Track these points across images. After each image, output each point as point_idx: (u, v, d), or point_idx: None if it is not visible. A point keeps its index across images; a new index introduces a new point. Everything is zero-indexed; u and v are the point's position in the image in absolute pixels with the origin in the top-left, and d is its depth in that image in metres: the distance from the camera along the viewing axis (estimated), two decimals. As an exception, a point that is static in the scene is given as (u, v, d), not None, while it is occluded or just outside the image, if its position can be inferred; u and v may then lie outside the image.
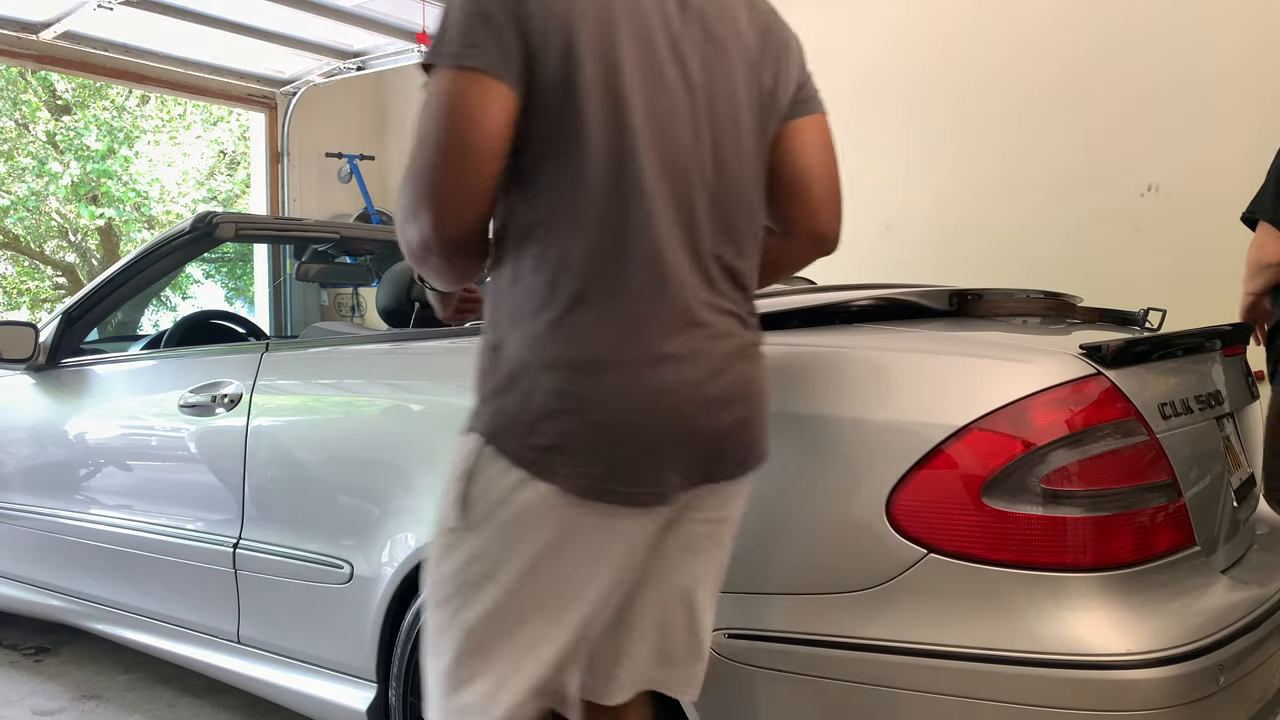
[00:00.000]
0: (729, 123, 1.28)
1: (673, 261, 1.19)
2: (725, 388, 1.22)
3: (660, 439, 1.17)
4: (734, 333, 1.26)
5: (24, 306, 13.22)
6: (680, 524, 1.28)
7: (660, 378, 1.17)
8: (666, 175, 1.20)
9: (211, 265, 13.33)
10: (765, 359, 1.31)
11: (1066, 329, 1.83)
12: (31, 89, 12.49)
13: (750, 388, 1.27)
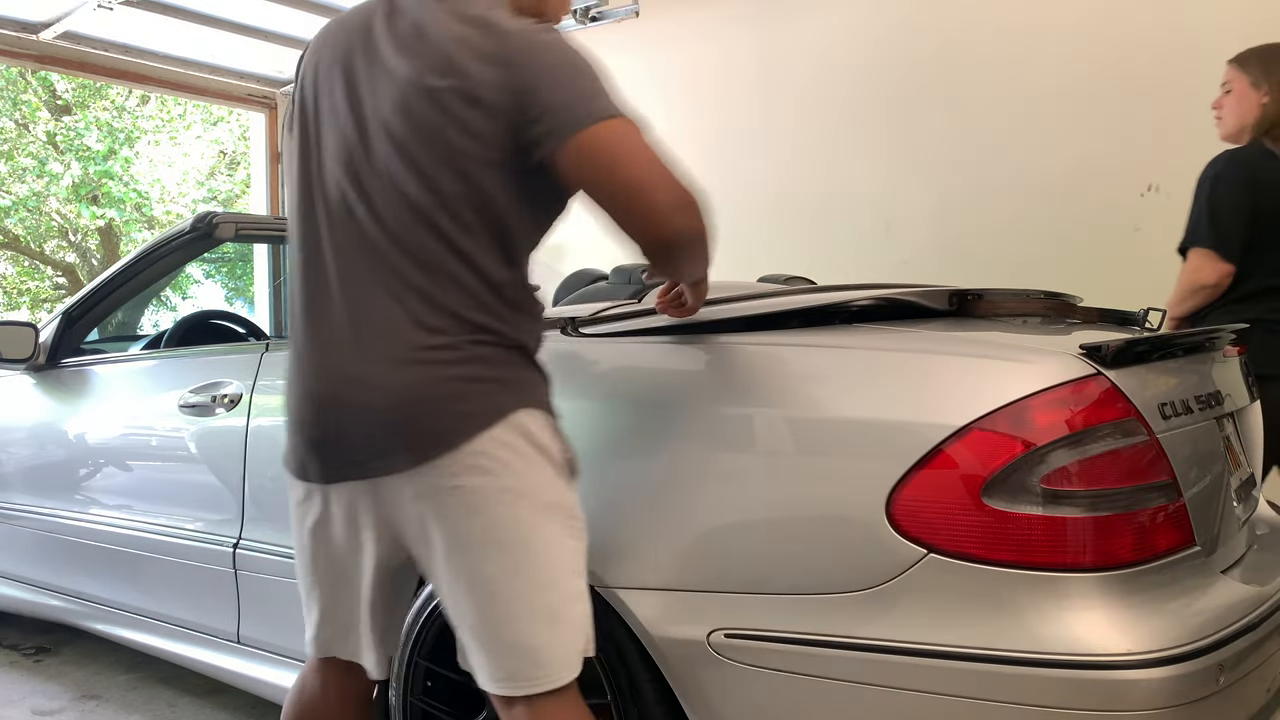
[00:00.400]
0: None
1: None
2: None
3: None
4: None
5: (24, 306, 13.22)
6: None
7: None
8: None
9: (211, 265, 13.34)
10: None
11: (1066, 329, 1.83)
12: (31, 89, 12.50)
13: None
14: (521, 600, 1.37)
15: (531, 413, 1.40)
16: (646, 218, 1.38)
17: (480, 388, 1.38)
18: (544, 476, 1.40)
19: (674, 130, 5.54)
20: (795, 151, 4.57)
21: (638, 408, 1.65)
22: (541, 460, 1.40)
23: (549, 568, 1.38)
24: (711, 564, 1.52)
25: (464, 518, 1.36)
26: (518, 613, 1.37)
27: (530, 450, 1.39)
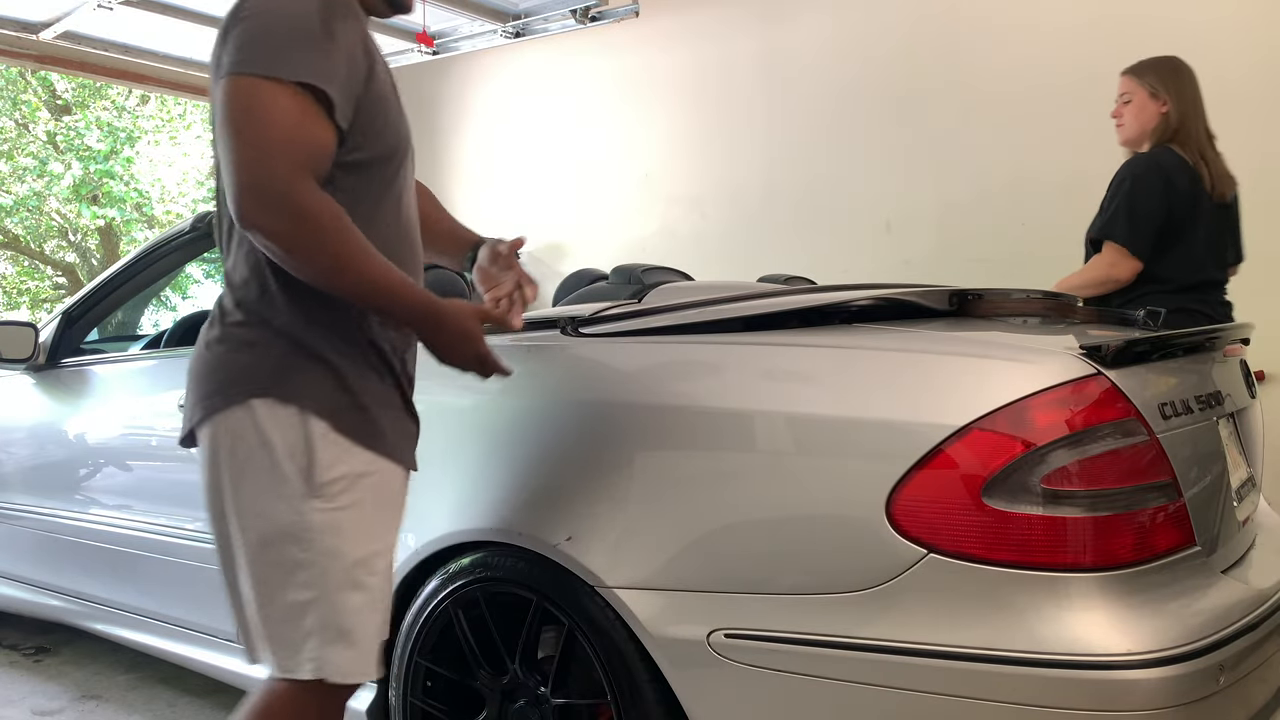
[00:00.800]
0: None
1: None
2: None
3: None
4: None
5: (24, 306, 13.22)
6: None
7: None
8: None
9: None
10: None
11: (1066, 329, 1.83)
12: (31, 89, 12.50)
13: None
14: (229, 583, 1.46)
15: (269, 404, 1.36)
16: (230, 188, 1.27)
17: (217, 370, 1.40)
18: (250, 477, 1.38)
19: (674, 130, 5.57)
20: (795, 151, 4.57)
21: (637, 408, 1.65)
22: (255, 458, 1.37)
23: (241, 570, 1.42)
24: (711, 564, 1.52)
25: (204, 493, 1.44)
26: (230, 594, 1.46)
27: (247, 443, 1.37)
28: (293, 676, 1.39)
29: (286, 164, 1.26)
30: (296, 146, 1.27)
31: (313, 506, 1.36)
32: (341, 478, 1.38)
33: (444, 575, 1.82)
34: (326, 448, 1.37)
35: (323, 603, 1.38)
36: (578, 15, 4.95)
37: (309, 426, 1.37)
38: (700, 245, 4.80)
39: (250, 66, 1.27)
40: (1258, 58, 3.46)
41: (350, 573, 1.39)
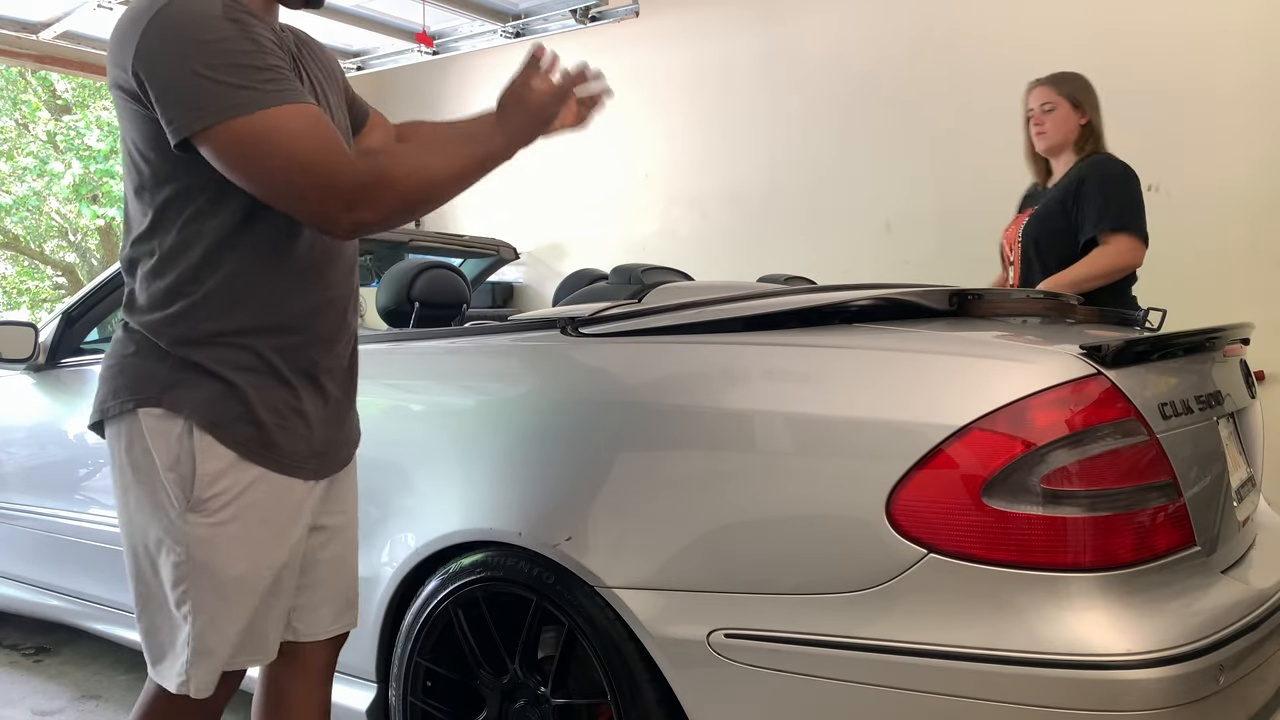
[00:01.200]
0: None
1: None
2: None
3: None
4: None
5: (24, 306, 13.22)
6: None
7: None
8: None
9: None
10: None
11: (1066, 329, 1.83)
12: (31, 89, 12.50)
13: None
14: (128, 585, 1.43)
15: (155, 415, 1.36)
16: (308, 214, 1.30)
17: (117, 373, 1.42)
18: (133, 487, 1.38)
19: (674, 130, 5.57)
20: (795, 151, 4.57)
21: (637, 407, 1.65)
22: (138, 468, 1.37)
23: (129, 572, 1.42)
24: (711, 564, 1.52)
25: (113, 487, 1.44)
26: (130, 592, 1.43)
27: (132, 453, 1.38)
28: (165, 685, 1.40)
29: (330, 165, 1.26)
30: (321, 146, 1.26)
31: (189, 520, 1.34)
32: (223, 493, 1.35)
33: (444, 575, 1.82)
34: (209, 461, 1.35)
35: (196, 619, 1.36)
36: (578, 15, 4.95)
37: (194, 439, 1.35)
38: (701, 245, 4.80)
39: (236, 111, 1.23)
40: (1256, 61, 3.46)
41: (225, 589, 1.37)
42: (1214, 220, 3.51)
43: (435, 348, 2.08)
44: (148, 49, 1.24)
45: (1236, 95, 3.49)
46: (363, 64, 5.59)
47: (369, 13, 4.91)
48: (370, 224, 1.29)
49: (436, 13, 4.92)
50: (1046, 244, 2.84)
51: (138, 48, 1.25)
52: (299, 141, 1.25)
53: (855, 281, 1.94)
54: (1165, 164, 3.60)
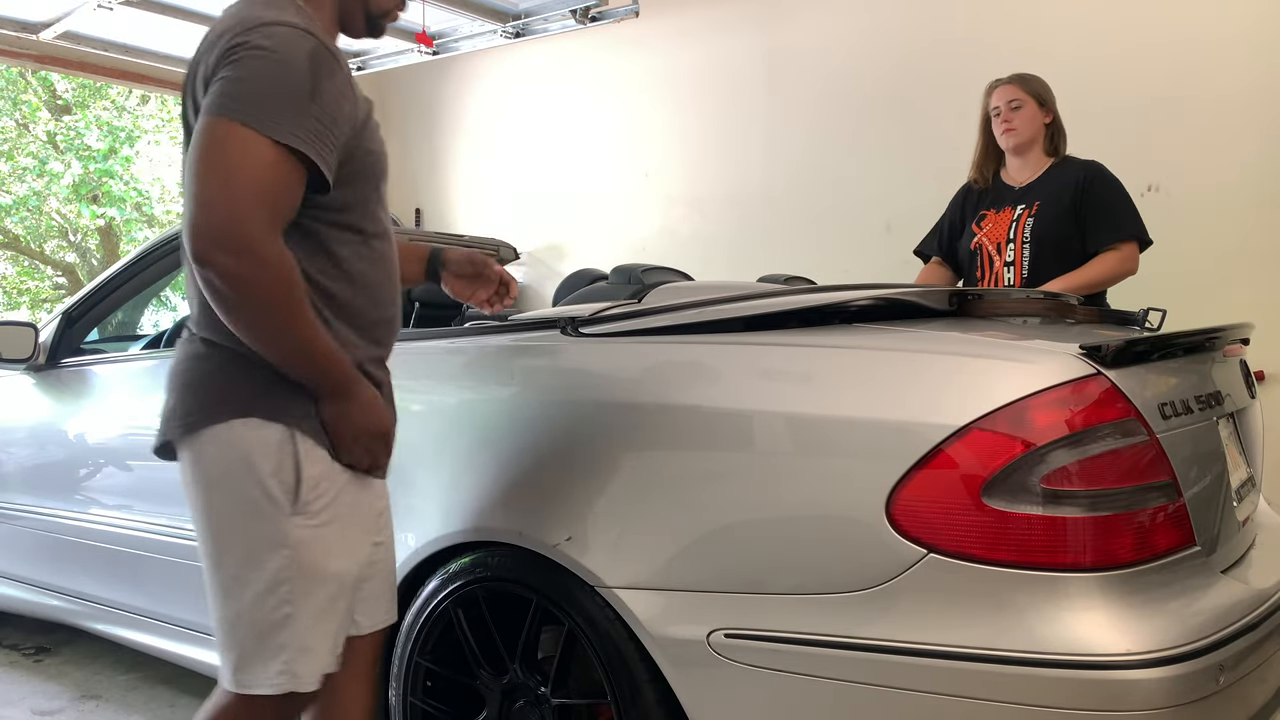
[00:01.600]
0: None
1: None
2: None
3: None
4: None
5: (24, 306, 13.22)
6: None
7: None
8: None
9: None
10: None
11: (1066, 329, 1.83)
12: (31, 89, 12.49)
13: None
14: (209, 597, 1.45)
15: (252, 423, 1.38)
16: (192, 223, 1.29)
17: (199, 386, 1.41)
18: (234, 495, 1.39)
19: (674, 130, 5.56)
20: (795, 151, 4.57)
21: (638, 407, 1.65)
22: (239, 477, 1.38)
23: (220, 585, 1.42)
24: (711, 564, 1.52)
25: (187, 505, 1.45)
26: (210, 608, 1.45)
27: (228, 463, 1.39)
28: (255, 692, 1.41)
29: (256, 211, 1.29)
30: (269, 197, 1.30)
31: (295, 524, 1.39)
32: (324, 494, 1.42)
33: (444, 575, 1.82)
34: (312, 464, 1.40)
35: (299, 618, 1.40)
36: (578, 15, 4.95)
37: (295, 444, 1.39)
38: (700, 245, 4.80)
39: (239, 114, 1.29)
40: (1256, 62, 3.46)
41: (327, 587, 1.42)
42: (1214, 220, 3.51)
43: (435, 348, 2.08)
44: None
45: (1237, 96, 3.49)
46: (363, 64, 5.59)
47: (369, 13, 4.90)
48: (215, 272, 1.28)
49: (436, 13, 4.92)
50: (1055, 245, 2.85)
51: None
52: (246, 171, 1.29)
53: (855, 282, 1.94)
54: (1165, 164, 3.60)
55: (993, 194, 3.05)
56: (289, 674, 1.41)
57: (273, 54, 1.32)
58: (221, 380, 1.40)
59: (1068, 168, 2.93)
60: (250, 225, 1.28)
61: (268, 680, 1.41)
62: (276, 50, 1.32)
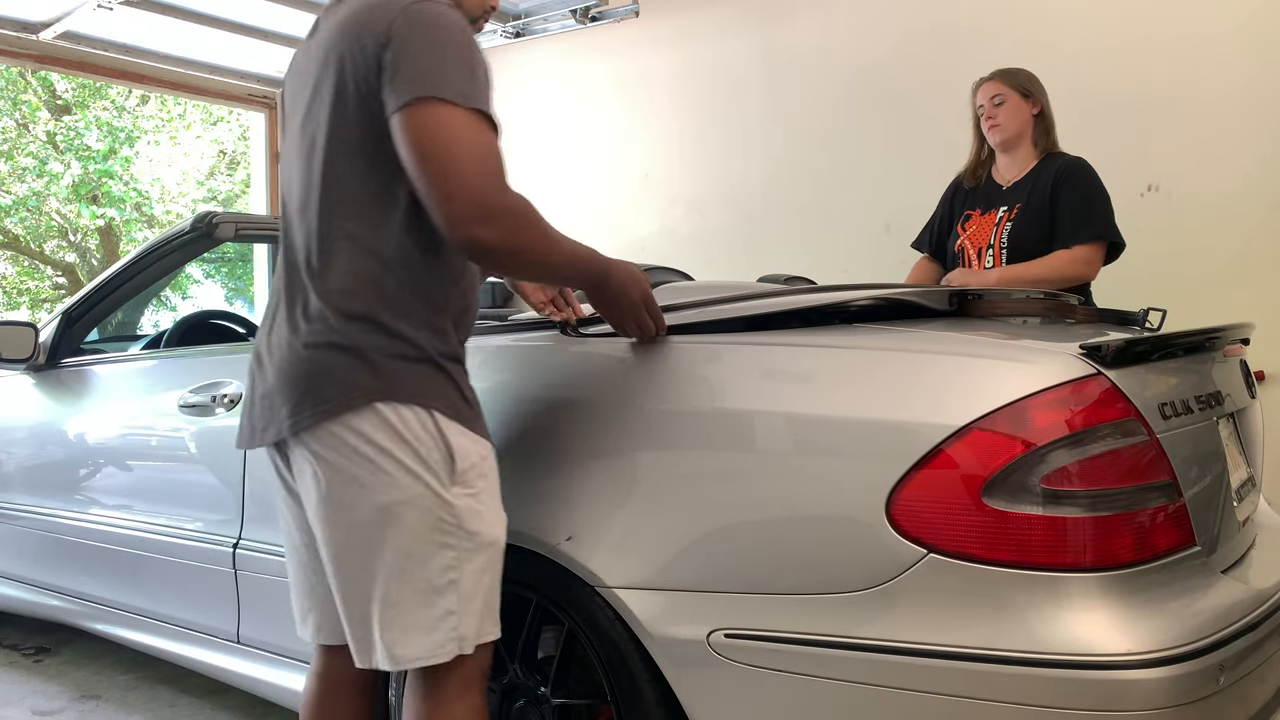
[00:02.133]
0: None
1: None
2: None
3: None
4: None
5: (24, 306, 13.22)
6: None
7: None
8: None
9: (211, 265, 13.34)
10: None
11: (1066, 329, 1.83)
12: (31, 89, 12.49)
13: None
14: (354, 581, 1.46)
15: (394, 407, 1.42)
16: (447, 206, 1.37)
17: (332, 374, 1.43)
18: (391, 473, 1.41)
19: (673, 130, 5.56)
20: (795, 151, 4.57)
21: (637, 408, 1.65)
22: (396, 454, 1.41)
23: (369, 567, 1.44)
24: (712, 564, 1.52)
25: (314, 496, 1.46)
26: (355, 592, 1.46)
27: (379, 443, 1.41)
28: (423, 663, 1.44)
29: (497, 180, 1.38)
30: (499, 163, 1.40)
31: (455, 494, 1.45)
32: (474, 465, 1.48)
33: (444, 575, 1.82)
34: (457, 438, 1.46)
35: (460, 585, 1.45)
36: (578, 15, 4.95)
37: (437, 421, 1.44)
38: (700, 245, 4.79)
39: (450, 92, 1.37)
40: (1256, 62, 3.46)
41: (486, 552, 1.48)
42: (1214, 220, 3.51)
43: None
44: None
45: (1237, 95, 3.49)
46: (363, 64, 5.58)
47: (369, 13, 4.90)
48: (484, 245, 1.38)
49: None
50: (1032, 250, 2.80)
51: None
52: (475, 147, 1.37)
53: (855, 281, 1.94)
54: (1165, 164, 3.60)
55: (981, 193, 3.01)
56: (458, 638, 1.45)
57: (446, 35, 1.40)
58: (359, 366, 1.43)
59: (1051, 165, 2.86)
60: (497, 194, 1.37)
61: (434, 648, 1.44)
62: (448, 32, 1.40)
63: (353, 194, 1.45)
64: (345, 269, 1.46)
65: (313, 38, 1.56)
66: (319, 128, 1.47)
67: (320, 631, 1.63)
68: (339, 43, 1.44)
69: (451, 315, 1.52)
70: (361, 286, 1.45)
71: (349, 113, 1.44)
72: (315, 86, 1.48)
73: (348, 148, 1.45)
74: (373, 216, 1.45)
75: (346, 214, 1.46)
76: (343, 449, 1.42)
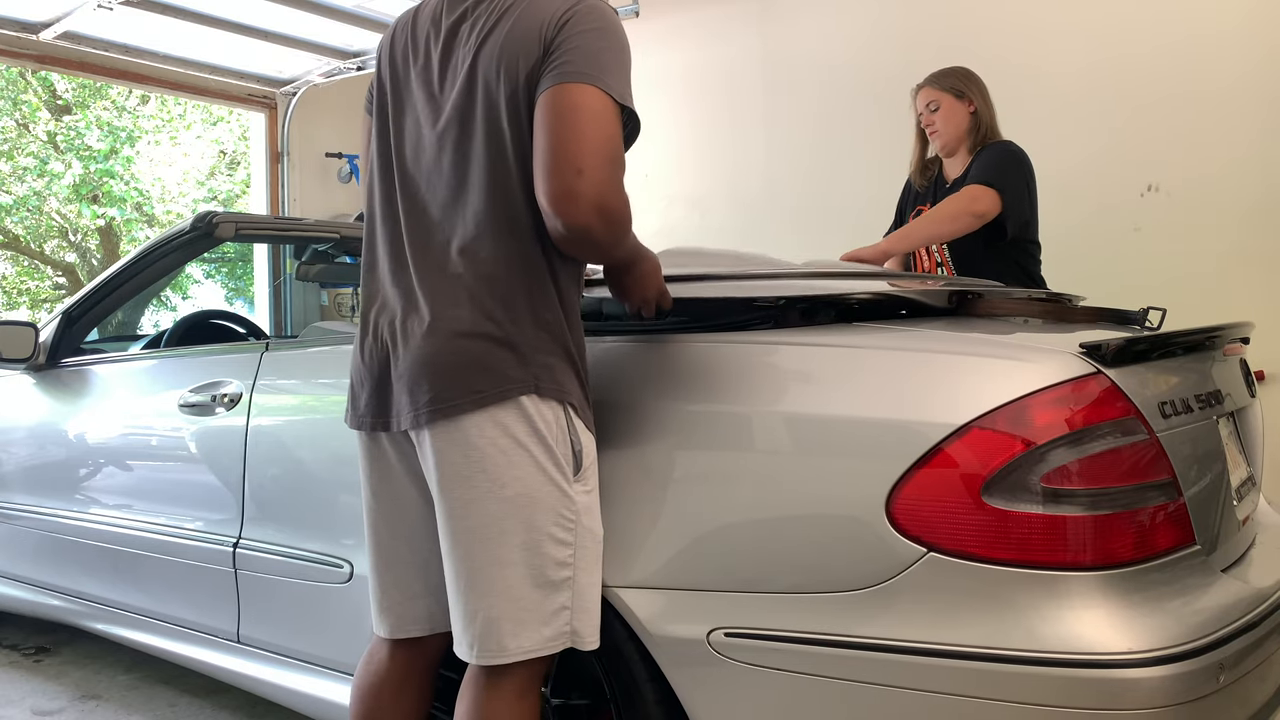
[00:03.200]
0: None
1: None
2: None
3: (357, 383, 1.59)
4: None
5: (24, 306, 13.22)
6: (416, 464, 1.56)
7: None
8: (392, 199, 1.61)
9: (211, 265, 13.34)
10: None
11: (1066, 328, 1.83)
12: (31, 89, 12.50)
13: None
14: (476, 572, 1.45)
15: (536, 400, 1.45)
16: (556, 190, 1.40)
17: (482, 364, 1.44)
18: (524, 467, 1.43)
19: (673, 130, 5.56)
20: (795, 151, 4.57)
21: (637, 407, 1.65)
22: (530, 449, 1.44)
23: (492, 555, 1.44)
24: (711, 563, 1.52)
25: (445, 483, 1.46)
26: (473, 582, 1.46)
27: (517, 437, 1.43)
28: (534, 655, 1.46)
29: (618, 181, 1.43)
30: (624, 167, 1.47)
31: (578, 490, 1.49)
32: (592, 463, 1.53)
33: (444, 574, 1.81)
34: (583, 437, 1.51)
35: (576, 580, 1.48)
36: (578, 15, 4.94)
37: (570, 419, 1.49)
38: (700, 244, 4.79)
39: (609, 86, 1.44)
40: (1256, 61, 3.46)
41: (598, 549, 1.53)
42: (1214, 220, 3.51)
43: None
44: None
45: (1236, 95, 3.49)
46: (362, 64, 5.59)
47: (369, 12, 4.91)
48: (586, 229, 1.41)
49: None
50: (975, 236, 2.74)
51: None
52: (616, 144, 1.46)
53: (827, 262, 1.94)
54: (1165, 164, 3.60)
55: (929, 191, 3.00)
56: (570, 632, 1.48)
57: (618, 32, 1.49)
58: (510, 359, 1.45)
59: (983, 153, 2.84)
60: (617, 196, 1.43)
61: (545, 641, 1.46)
62: (619, 31, 1.49)
63: (510, 187, 1.48)
64: (500, 259, 1.48)
65: (451, 16, 1.57)
66: (476, 118, 1.50)
67: (401, 625, 1.63)
68: (510, 36, 1.48)
69: (577, 308, 1.56)
70: (512, 278, 1.47)
71: (518, 106, 1.47)
72: (469, 73, 1.51)
73: (505, 139, 1.48)
74: (526, 210, 1.48)
75: (503, 207, 1.48)
76: (481, 439, 1.43)
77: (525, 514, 1.44)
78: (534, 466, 1.44)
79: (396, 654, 1.64)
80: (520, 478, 1.44)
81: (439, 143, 1.53)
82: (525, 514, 1.44)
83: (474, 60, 1.50)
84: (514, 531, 1.44)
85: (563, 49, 1.43)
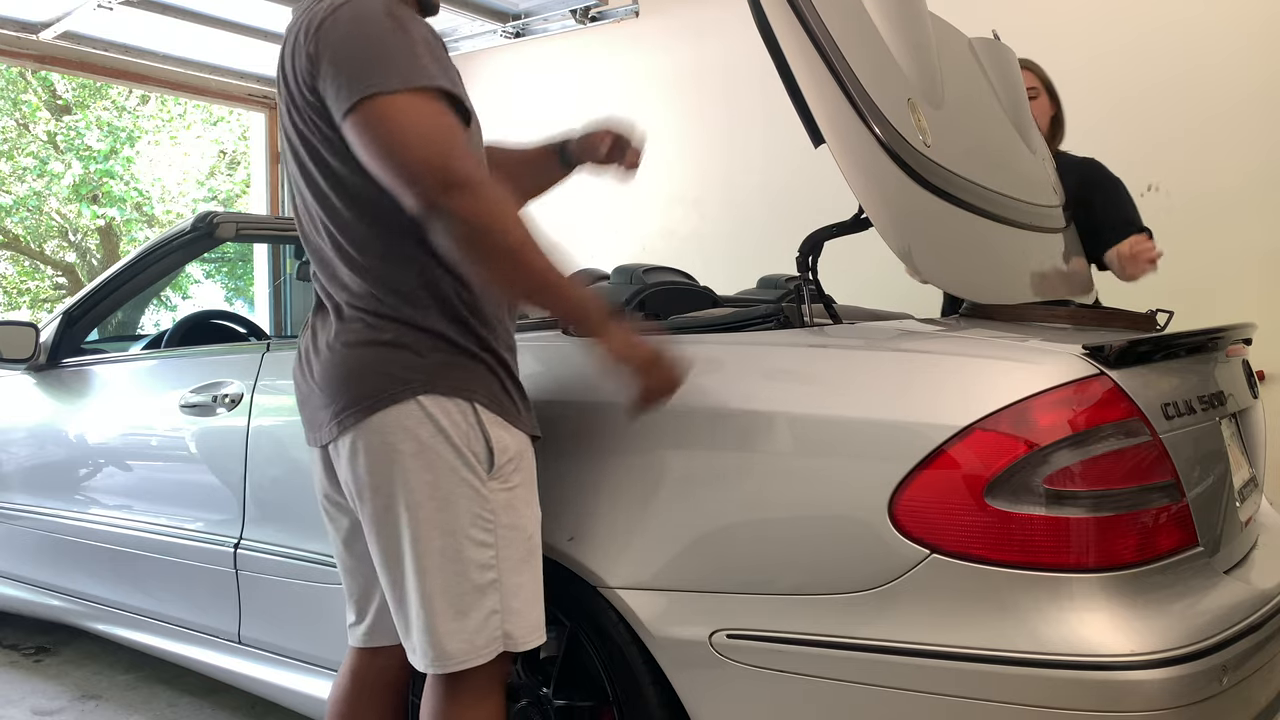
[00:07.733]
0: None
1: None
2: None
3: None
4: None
5: (24, 306, 13.22)
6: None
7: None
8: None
9: (211, 265, 13.33)
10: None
11: (1070, 329, 1.83)
12: (31, 89, 12.49)
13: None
14: (401, 580, 1.44)
15: (436, 399, 1.41)
16: (406, 184, 1.34)
17: (370, 370, 1.43)
18: (433, 470, 1.41)
19: (674, 130, 5.55)
20: (795, 151, 4.57)
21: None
22: (438, 449, 1.41)
23: (414, 563, 1.43)
24: (713, 564, 1.52)
25: (359, 496, 1.45)
26: (402, 594, 1.45)
27: (421, 438, 1.41)
28: (468, 665, 1.43)
29: (447, 147, 1.34)
30: (449, 134, 1.36)
31: (493, 489, 1.44)
32: (512, 459, 1.47)
33: (445, 575, 1.81)
34: (496, 432, 1.45)
35: (502, 582, 1.44)
36: (578, 15, 4.95)
37: (478, 415, 1.44)
38: (700, 245, 4.79)
39: (375, 87, 1.34)
40: (1257, 61, 3.46)
41: (525, 546, 1.48)
42: (1214, 220, 3.51)
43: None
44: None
45: (1237, 95, 3.49)
46: (363, 64, 5.58)
47: (369, 13, 4.90)
48: (452, 212, 1.32)
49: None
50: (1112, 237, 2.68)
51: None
52: (418, 123, 1.34)
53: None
54: (1165, 164, 3.59)
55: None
56: (501, 636, 1.44)
57: (357, 29, 1.37)
58: (398, 361, 1.43)
59: (1073, 166, 2.81)
60: (450, 159, 1.33)
61: (478, 650, 1.43)
62: (360, 25, 1.37)
63: (360, 199, 1.44)
64: (374, 270, 1.45)
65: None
66: (301, 139, 1.49)
67: (370, 635, 1.63)
68: (288, 63, 1.49)
69: (472, 308, 1.49)
70: (390, 284, 1.45)
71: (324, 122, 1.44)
72: (289, 97, 1.51)
73: (332, 153, 1.46)
74: (383, 218, 1.44)
75: (359, 219, 1.45)
76: (382, 446, 1.41)
77: (439, 518, 1.41)
78: (443, 468, 1.41)
79: (373, 663, 1.64)
80: (430, 481, 1.41)
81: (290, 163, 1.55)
82: (439, 518, 1.41)
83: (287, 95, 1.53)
84: (429, 538, 1.41)
85: (326, 78, 1.39)
